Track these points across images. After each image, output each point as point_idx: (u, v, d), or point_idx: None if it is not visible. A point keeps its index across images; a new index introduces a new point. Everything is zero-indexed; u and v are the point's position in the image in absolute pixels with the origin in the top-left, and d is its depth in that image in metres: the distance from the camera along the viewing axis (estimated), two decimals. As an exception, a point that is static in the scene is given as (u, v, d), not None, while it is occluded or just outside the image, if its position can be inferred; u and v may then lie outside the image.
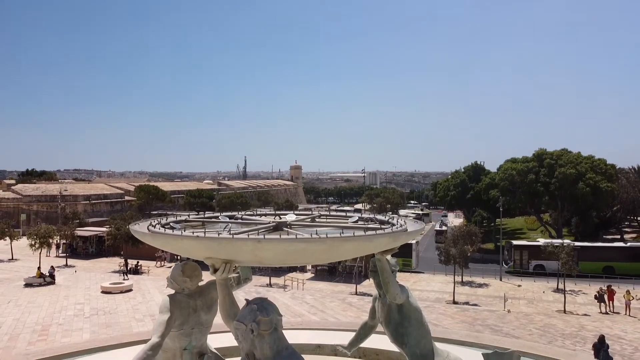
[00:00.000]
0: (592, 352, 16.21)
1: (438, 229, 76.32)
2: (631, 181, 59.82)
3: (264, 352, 4.86)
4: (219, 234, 5.50)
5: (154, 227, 6.32)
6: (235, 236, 5.32)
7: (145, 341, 6.80)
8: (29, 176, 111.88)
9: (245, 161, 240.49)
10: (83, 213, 69.45)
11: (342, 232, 5.70)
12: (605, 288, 29.77)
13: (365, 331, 8.13)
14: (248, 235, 5.43)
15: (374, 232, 5.96)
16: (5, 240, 46.31)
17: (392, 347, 7.35)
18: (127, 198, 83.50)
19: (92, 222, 61.85)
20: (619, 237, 62.48)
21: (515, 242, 48.13)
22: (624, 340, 20.90)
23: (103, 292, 28.47)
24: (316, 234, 5.43)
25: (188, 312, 7.34)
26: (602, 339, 16.38)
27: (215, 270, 5.59)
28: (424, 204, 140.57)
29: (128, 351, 10.07)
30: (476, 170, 75.26)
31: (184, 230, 5.88)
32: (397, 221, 7.17)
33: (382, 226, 6.72)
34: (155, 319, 7.20)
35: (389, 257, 6.87)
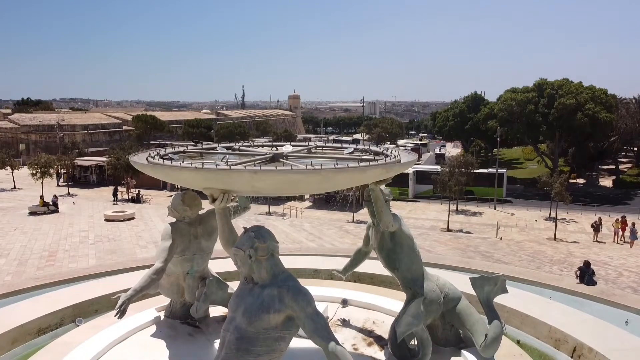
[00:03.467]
0: (577, 275, 16.96)
1: (437, 152, 78.48)
2: (631, 112, 59.50)
3: (261, 276, 5.17)
4: (216, 165, 5.67)
5: (153, 158, 6.48)
6: (232, 167, 5.48)
7: (149, 266, 7.18)
8: (25, 105, 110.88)
9: (243, 90, 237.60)
10: (82, 143, 69.48)
11: (337, 164, 5.86)
12: (620, 219, 30.30)
13: (359, 257, 8.52)
14: (245, 166, 5.60)
15: (367, 163, 6.14)
16: (7, 169, 46.67)
17: (385, 272, 7.72)
18: (125, 128, 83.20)
19: (92, 152, 62.09)
20: (614, 167, 63.06)
21: None
22: (609, 266, 21.75)
23: (106, 220, 29.13)
24: (311, 165, 5.60)
25: (189, 239, 7.71)
26: (587, 263, 17.09)
27: (213, 200, 5.81)
28: (422, 134, 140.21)
29: (134, 275, 10.51)
30: (475, 101, 74.55)
31: (183, 162, 6.05)
32: (391, 152, 7.32)
33: (376, 157, 6.88)
34: (158, 246, 7.57)
35: (383, 186, 7.07)
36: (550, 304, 10.07)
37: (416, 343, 7.14)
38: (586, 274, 16.43)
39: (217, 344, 5.40)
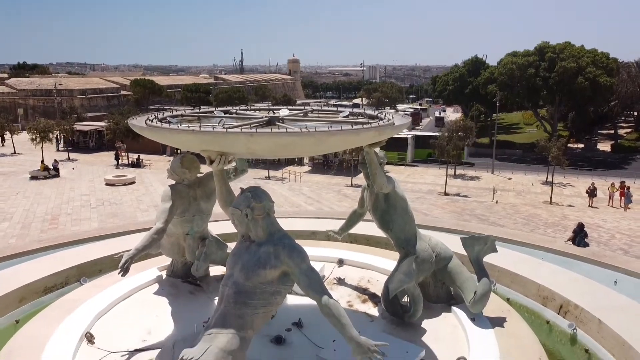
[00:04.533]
0: (571, 236, 17.24)
1: (437, 116, 78.95)
2: (632, 75, 58.93)
3: (257, 234, 5.40)
4: (213, 128, 5.82)
5: (152, 121, 6.60)
6: (228, 130, 5.63)
7: (151, 229, 7.41)
8: (22, 70, 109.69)
9: (242, 54, 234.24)
10: (80, 107, 69.13)
11: (331, 126, 6.01)
12: (620, 184, 30.47)
13: (354, 218, 8.73)
14: (241, 129, 5.75)
15: (360, 126, 6.28)
16: (6, 134, 46.66)
17: (381, 233, 7.93)
18: (123, 92, 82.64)
19: (91, 117, 61.93)
20: (613, 132, 62.98)
21: None
22: (602, 228, 22.07)
23: (107, 184, 29.37)
24: (305, 128, 5.75)
25: (188, 201, 7.91)
26: (581, 225, 17.37)
27: (211, 162, 5.97)
28: (426, 100, 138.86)
29: (135, 237, 10.71)
30: (476, 65, 73.64)
31: (180, 125, 6.19)
32: (385, 116, 7.44)
33: (370, 120, 7.01)
34: (158, 208, 7.79)
35: (377, 149, 7.22)
36: (541, 264, 10.33)
37: (408, 300, 7.44)
38: (578, 236, 16.73)
39: (217, 301, 5.67)
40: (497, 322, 7.27)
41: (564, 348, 8.14)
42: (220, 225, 10.35)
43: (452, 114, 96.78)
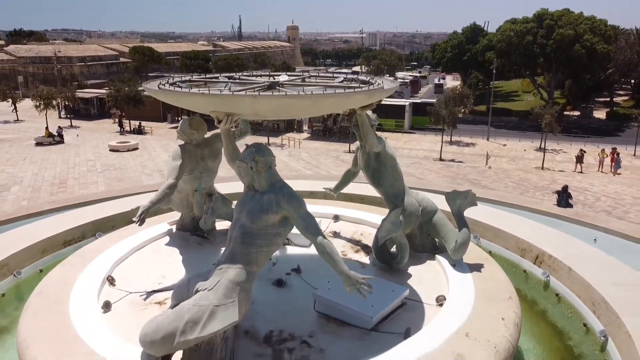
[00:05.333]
0: (556, 198, 18.08)
1: (437, 82, 79.08)
2: (630, 43, 58.74)
3: (261, 184, 6.17)
4: (221, 91, 6.52)
5: (164, 86, 7.27)
6: (235, 93, 6.34)
7: (157, 191, 8.10)
8: (18, 37, 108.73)
9: (240, 21, 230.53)
10: (80, 75, 69.13)
11: (325, 90, 6.70)
12: (611, 149, 31.01)
13: (348, 177, 9.43)
14: (246, 92, 6.45)
15: (352, 89, 6.98)
16: (8, 102, 46.91)
17: (374, 193, 8.65)
18: (122, 60, 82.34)
19: (91, 84, 62.06)
20: (609, 99, 63.19)
21: None
22: (589, 192, 22.89)
23: (111, 150, 30.06)
24: (303, 91, 6.46)
25: (197, 160, 8.63)
26: (565, 187, 18.18)
27: (219, 122, 6.69)
28: (426, 67, 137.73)
29: (142, 197, 11.40)
30: (474, 32, 73.27)
31: (190, 89, 6.88)
32: (376, 81, 8.11)
33: (362, 85, 7.68)
34: (167, 167, 8.52)
35: (369, 112, 7.93)
36: (523, 221, 11.02)
37: (396, 249, 8.25)
38: (562, 197, 17.50)
39: (222, 250, 6.40)
40: (475, 267, 8.06)
41: (538, 293, 9.01)
42: (225, 185, 11.10)
43: (452, 82, 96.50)
